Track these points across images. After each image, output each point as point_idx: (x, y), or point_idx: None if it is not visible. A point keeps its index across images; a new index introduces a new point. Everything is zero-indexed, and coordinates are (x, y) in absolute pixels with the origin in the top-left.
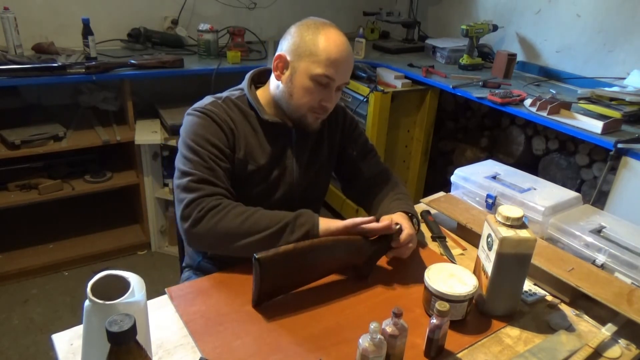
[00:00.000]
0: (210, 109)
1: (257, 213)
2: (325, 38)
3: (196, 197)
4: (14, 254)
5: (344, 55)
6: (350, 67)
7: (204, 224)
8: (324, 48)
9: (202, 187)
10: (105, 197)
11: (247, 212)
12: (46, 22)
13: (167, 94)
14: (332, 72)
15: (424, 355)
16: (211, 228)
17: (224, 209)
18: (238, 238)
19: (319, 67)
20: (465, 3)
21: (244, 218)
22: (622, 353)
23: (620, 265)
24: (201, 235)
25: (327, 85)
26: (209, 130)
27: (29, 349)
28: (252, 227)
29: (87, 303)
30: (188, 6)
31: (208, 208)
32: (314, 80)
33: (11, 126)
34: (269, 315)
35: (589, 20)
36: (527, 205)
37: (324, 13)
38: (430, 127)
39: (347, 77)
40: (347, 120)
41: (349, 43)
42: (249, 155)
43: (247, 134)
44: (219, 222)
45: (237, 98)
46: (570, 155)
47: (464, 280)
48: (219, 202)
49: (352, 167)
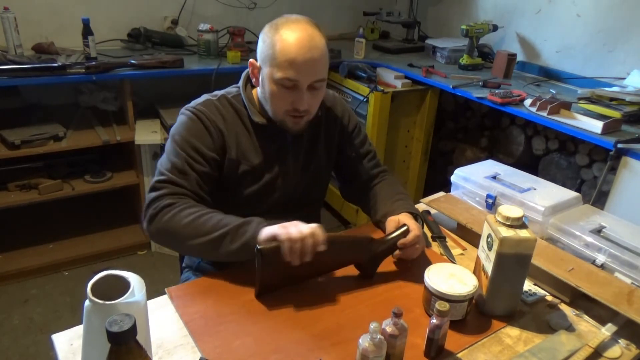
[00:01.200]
0: (200, 109)
1: (205, 216)
2: (282, 38)
3: (155, 196)
4: (14, 254)
5: (303, 53)
6: (318, 62)
7: (156, 222)
8: (281, 49)
9: (165, 186)
10: (105, 197)
11: (197, 214)
12: (46, 22)
13: (167, 94)
14: (292, 74)
15: (424, 355)
16: (162, 226)
17: (176, 208)
18: (183, 239)
19: (279, 71)
20: (465, 3)
21: (191, 219)
22: (622, 353)
23: (620, 265)
24: (154, 233)
25: (295, 87)
26: (194, 133)
27: (29, 349)
28: (195, 230)
29: (87, 303)
30: (188, 6)
31: (162, 206)
32: (279, 85)
33: (11, 126)
34: (269, 315)
35: (589, 20)
36: (527, 205)
37: (324, 13)
38: (430, 127)
39: (316, 74)
40: (345, 120)
41: (317, 36)
42: (242, 155)
43: (240, 133)
44: (168, 221)
45: (233, 97)
46: (570, 155)
47: (464, 280)
48: (174, 201)
49: (351, 167)
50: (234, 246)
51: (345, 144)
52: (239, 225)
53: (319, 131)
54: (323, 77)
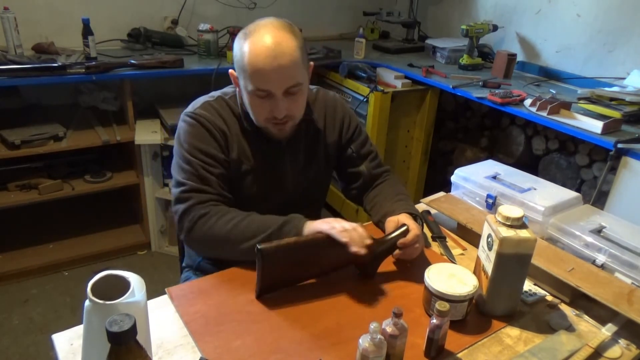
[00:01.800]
0: (200, 112)
1: (245, 220)
2: (250, 49)
3: (187, 208)
4: (14, 254)
5: (270, 62)
6: (287, 69)
7: (195, 233)
8: (249, 61)
9: (192, 195)
10: (105, 197)
11: (236, 219)
12: (46, 22)
13: (167, 94)
14: (261, 84)
15: (424, 355)
16: (203, 236)
17: (213, 217)
18: (230, 245)
19: (250, 83)
20: (465, 3)
21: (232, 226)
22: (622, 353)
23: (620, 265)
24: (196, 243)
25: (270, 96)
26: (200, 138)
27: (29, 349)
28: (240, 235)
29: (87, 303)
30: (188, 6)
31: (197, 217)
32: (254, 95)
33: (11, 126)
34: (269, 315)
35: (589, 20)
36: (527, 205)
37: (324, 13)
38: (430, 127)
39: (288, 81)
40: (346, 122)
41: (285, 41)
42: (243, 155)
43: (239, 133)
44: (209, 230)
45: (230, 97)
46: (570, 155)
47: (464, 280)
48: (207, 210)
49: (352, 168)
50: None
51: (346, 146)
52: (282, 224)
53: (319, 133)
54: (297, 81)
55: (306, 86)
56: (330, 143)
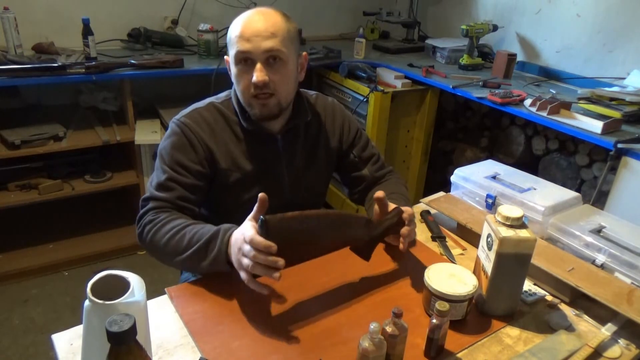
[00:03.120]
0: (184, 121)
1: (180, 232)
2: (235, 22)
3: (141, 213)
4: (14, 254)
5: (250, 24)
6: (267, 32)
7: (143, 241)
8: (233, 30)
9: (147, 203)
10: (105, 197)
11: (173, 230)
12: (46, 22)
13: (167, 94)
14: (241, 45)
15: (424, 355)
16: (149, 244)
17: (158, 224)
18: (168, 256)
19: (232, 49)
20: (465, 3)
21: (169, 237)
22: (622, 353)
23: (620, 265)
24: (147, 250)
25: (249, 62)
26: (178, 147)
27: (29, 349)
28: (173, 247)
29: (87, 303)
30: (188, 6)
31: (145, 223)
32: (237, 64)
33: (11, 126)
34: (269, 315)
35: (589, 20)
36: (527, 205)
37: (324, 13)
38: (430, 127)
39: (267, 44)
40: (345, 128)
41: (271, 13)
42: (233, 163)
43: (229, 141)
44: (152, 237)
45: (221, 103)
46: (570, 155)
47: (464, 280)
48: (156, 217)
49: (355, 173)
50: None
51: (347, 152)
52: (209, 240)
53: (318, 137)
54: (278, 48)
55: (293, 67)
56: (330, 148)
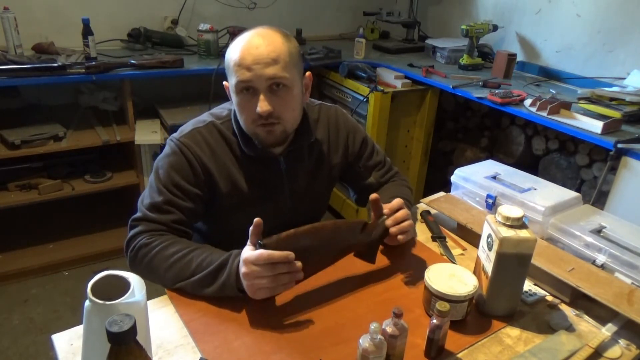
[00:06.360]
0: (184, 142)
1: (187, 257)
2: (233, 48)
3: (132, 235)
4: (14, 254)
5: (250, 51)
6: (269, 59)
7: (137, 265)
8: (231, 57)
9: (139, 223)
10: (105, 197)
11: (177, 255)
12: (46, 22)
13: (167, 94)
14: (242, 75)
15: (424, 356)
16: (144, 267)
17: (155, 248)
18: (169, 281)
19: (232, 77)
20: (465, 3)
21: (172, 261)
22: (622, 353)
23: (620, 265)
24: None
25: (251, 91)
26: (177, 168)
27: (29, 349)
28: (178, 272)
29: (87, 303)
30: (188, 6)
31: (138, 247)
32: (238, 93)
33: (11, 126)
34: (269, 315)
35: (589, 20)
36: (527, 205)
37: (324, 13)
38: (430, 127)
39: (269, 72)
40: (350, 138)
41: (272, 36)
42: (233, 187)
43: (230, 164)
44: (149, 262)
45: (222, 123)
46: (570, 155)
47: (464, 280)
48: (150, 240)
49: (362, 180)
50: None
51: (354, 163)
52: (217, 269)
53: (322, 155)
54: (281, 75)
55: (297, 91)
56: (334, 164)
